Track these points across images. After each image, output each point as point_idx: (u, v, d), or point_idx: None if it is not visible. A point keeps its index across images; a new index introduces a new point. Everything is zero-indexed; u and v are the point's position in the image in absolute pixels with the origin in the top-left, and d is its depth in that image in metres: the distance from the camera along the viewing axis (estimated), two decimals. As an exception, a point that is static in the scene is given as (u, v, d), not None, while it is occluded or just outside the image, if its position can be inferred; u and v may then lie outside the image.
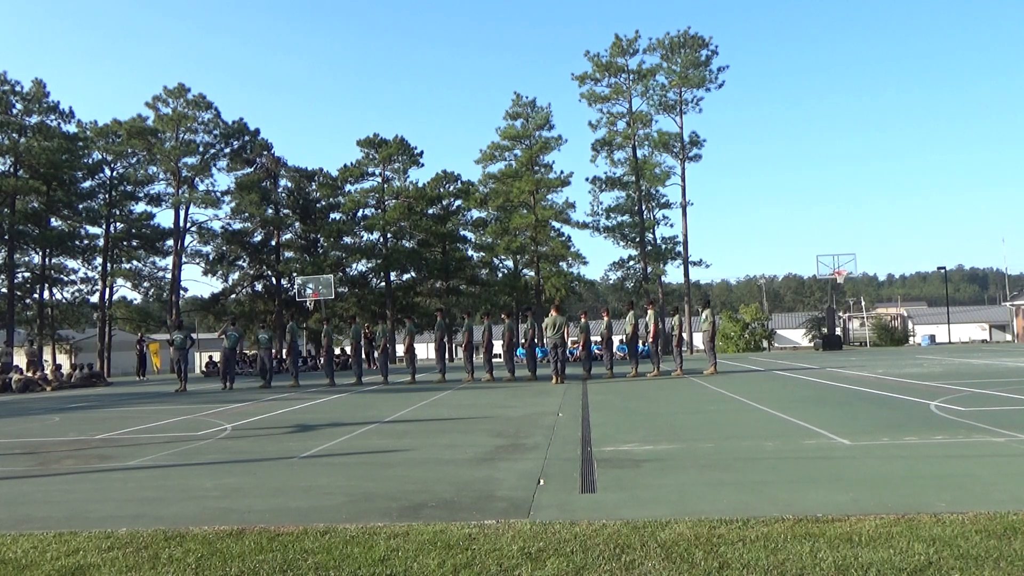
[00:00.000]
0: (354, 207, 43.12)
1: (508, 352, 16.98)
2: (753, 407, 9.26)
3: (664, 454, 6.11)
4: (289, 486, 5.42)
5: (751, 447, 6.28)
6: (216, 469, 6.25)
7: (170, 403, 13.83)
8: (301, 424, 9.22)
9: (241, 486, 5.46)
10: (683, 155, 40.36)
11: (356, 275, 44.76)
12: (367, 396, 14.00)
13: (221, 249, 42.87)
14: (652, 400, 10.93)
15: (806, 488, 4.76)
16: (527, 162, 41.20)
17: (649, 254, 40.24)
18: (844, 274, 33.09)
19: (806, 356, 25.50)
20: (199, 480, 5.75)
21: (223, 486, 5.47)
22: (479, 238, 45.45)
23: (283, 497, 5.07)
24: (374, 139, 42.88)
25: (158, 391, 18.22)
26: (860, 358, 21.71)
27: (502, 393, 13.27)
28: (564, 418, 8.84)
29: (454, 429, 8.35)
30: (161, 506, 4.94)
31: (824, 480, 4.98)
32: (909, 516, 4.03)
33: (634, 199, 41.02)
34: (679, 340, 16.09)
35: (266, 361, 17.47)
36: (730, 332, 47.76)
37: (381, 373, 17.08)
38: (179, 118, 39.63)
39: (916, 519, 3.97)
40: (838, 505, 4.31)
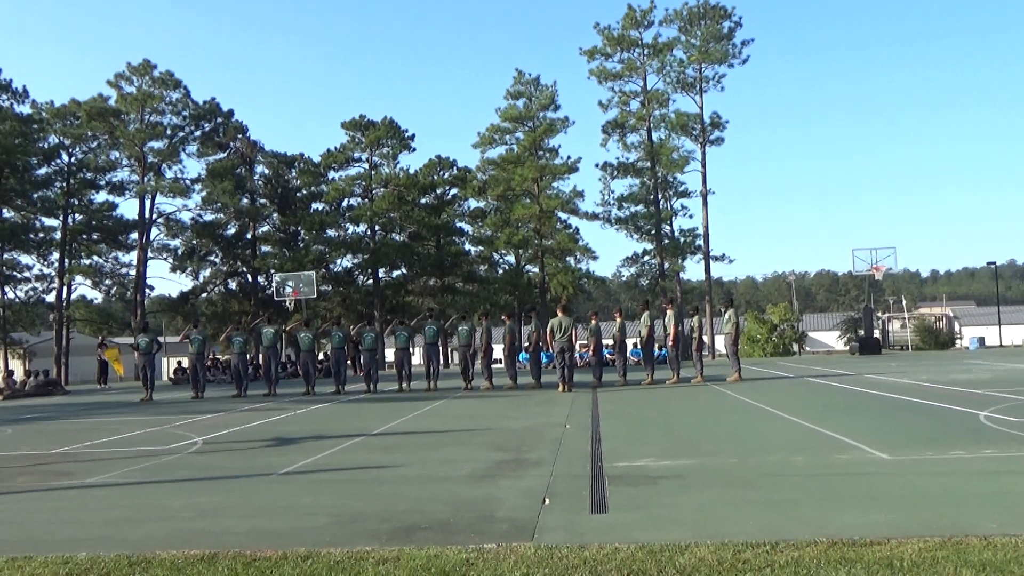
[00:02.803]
0: (338, 196, 43.18)
1: (510, 357, 16.99)
2: (781, 417, 9.25)
3: (683, 470, 6.11)
4: (267, 505, 5.42)
5: (779, 462, 6.28)
6: (186, 487, 6.26)
7: (135, 414, 13.84)
8: (280, 437, 9.23)
9: (214, 505, 5.47)
10: (703, 138, 40.33)
11: (340, 272, 44.83)
12: (352, 406, 13.98)
13: (191, 243, 42.94)
14: (669, 410, 10.92)
15: (840, 508, 4.76)
16: (530, 146, 41.21)
17: (666, 248, 40.24)
18: (883, 270, 33.07)
19: (841, 361, 25.49)
20: (167, 499, 5.75)
21: (194, 505, 5.48)
22: (477, 231, 45.48)
23: (260, 518, 5.07)
24: (360, 121, 42.92)
25: (121, 400, 18.23)
26: (901, 363, 21.70)
27: (503, 403, 13.24)
28: (572, 430, 8.84)
29: (450, 442, 8.34)
30: (125, 528, 4.94)
31: (860, 499, 4.98)
32: (956, 539, 4.02)
33: (649, 187, 41.01)
34: (699, 344, 16.09)
35: (240, 367, 17.49)
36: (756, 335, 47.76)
37: (365, 381, 17.10)
38: (144, 98, 39.67)
39: (964, 542, 3.97)
40: (876, 527, 4.31)
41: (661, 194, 41.36)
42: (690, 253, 40.72)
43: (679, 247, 40.24)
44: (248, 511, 5.27)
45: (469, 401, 14.00)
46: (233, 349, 17.79)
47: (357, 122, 42.93)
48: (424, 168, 45.05)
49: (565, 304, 16.40)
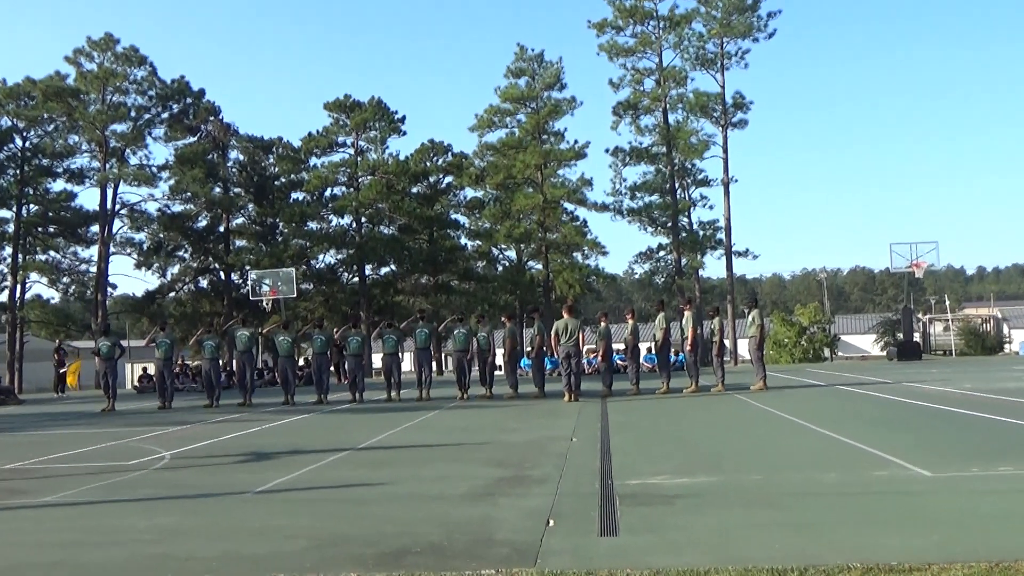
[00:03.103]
0: (321, 185, 43.21)
1: (510, 363, 16.98)
2: (811, 430, 9.25)
3: (701, 488, 6.10)
4: (241, 527, 5.42)
5: (808, 479, 6.27)
6: (151, 506, 6.25)
7: (95, 425, 13.84)
8: (255, 451, 9.23)
9: (182, 527, 5.47)
10: (725, 121, 40.31)
11: (323, 269, 44.88)
12: (336, 417, 13.96)
13: (157, 237, 42.98)
14: (687, 422, 10.91)
15: (877, 530, 4.75)
16: (533, 130, 41.22)
17: (684, 242, 40.23)
18: (924, 267, 33.07)
19: (877, 367, 25.48)
20: (130, 519, 5.75)
21: (158, 527, 5.48)
22: (474, 223, 45.50)
23: (232, 541, 5.07)
24: (345, 101, 42.93)
25: (81, 411, 18.23)
26: (943, 369, 21.68)
27: (503, 414, 13.22)
28: (579, 444, 8.84)
29: (444, 458, 8.34)
30: (83, 552, 4.93)
31: (899, 520, 4.97)
32: (1005, 564, 4.01)
33: (665, 175, 40.99)
34: (720, 348, 16.08)
35: (212, 375, 17.51)
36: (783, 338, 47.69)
37: (350, 389, 17.11)
38: (106, 76, 39.69)
39: (1013, 567, 3.95)
40: (917, 551, 4.30)
41: (678, 182, 41.33)
42: (710, 248, 40.70)
43: (698, 241, 40.24)
44: (219, 533, 5.26)
45: (465, 412, 13.97)
46: (204, 354, 17.78)
47: (341, 103, 42.95)
48: (416, 154, 45.05)
49: (571, 304, 16.39)
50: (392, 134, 43.52)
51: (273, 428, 12.24)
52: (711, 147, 40.15)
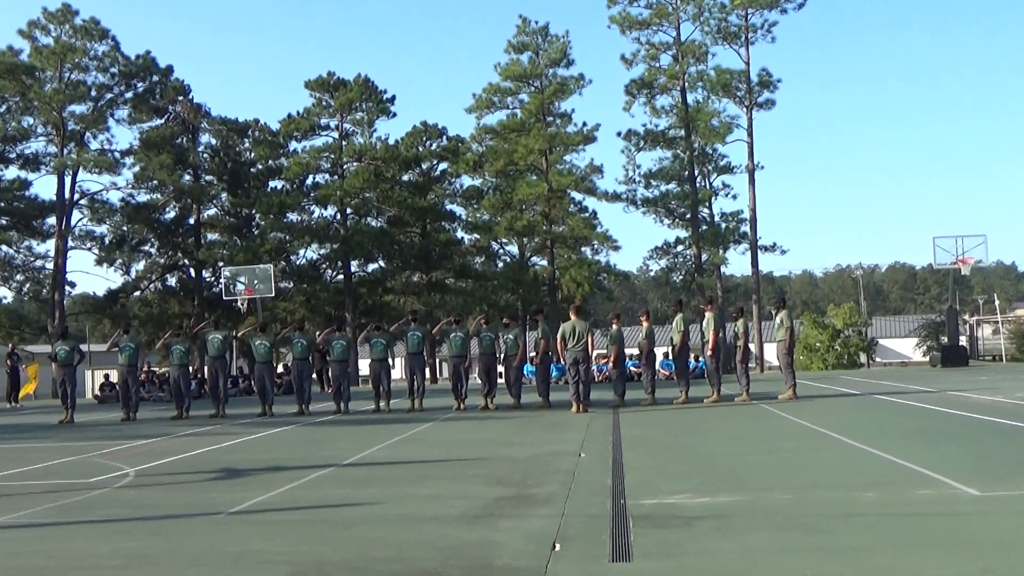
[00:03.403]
0: (301, 172, 43.24)
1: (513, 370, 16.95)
2: (846, 444, 9.24)
3: (725, 508, 6.10)
4: (213, 552, 5.42)
5: (844, 499, 6.27)
6: (114, 529, 6.25)
7: (52, 438, 13.84)
8: (229, 468, 9.23)
9: (147, 552, 5.47)
10: (750, 101, 40.31)
11: (304, 265, 44.90)
12: (318, 430, 13.96)
13: (121, 229, 43.02)
14: (708, 435, 10.91)
15: (919, 555, 4.75)
16: (537, 111, 41.24)
17: (704, 236, 40.25)
18: (971, 263, 33.05)
19: (919, 375, 25.47)
20: (90, 544, 5.75)
21: (122, 552, 5.48)
22: (472, 214, 45.52)
23: (203, 567, 5.07)
24: (328, 79, 42.97)
25: (36, 422, 18.25)
26: (993, 377, 21.66)
27: (503, 425, 13.22)
28: (588, 460, 8.85)
29: (438, 474, 8.34)
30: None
31: (944, 544, 4.96)
32: (1062, 594, 4.00)
33: (683, 161, 41.01)
34: (744, 353, 16.08)
35: (181, 382, 17.52)
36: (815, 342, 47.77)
37: (335, 399, 17.12)
38: (64, 51, 39.74)
39: (1072, 598, 3.94)
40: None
41: (698, 169, 41.35)
42: (734, 242, 40.72)
43: (720, 234, 40.25)
44: (189, 559, 5.26)
45: (462, 424, 13.96)
46: (172, 360, 17.80)
47: (324, 81, 42.98)
48: (407, 137, 45.08)
49: (580, 305, 16.38)
50: (381, 116, 43.56)
51: (249, 442, 12.23)
52: (734, 130, 40.21)
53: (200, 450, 11.20)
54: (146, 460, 10.17)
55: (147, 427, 15.44)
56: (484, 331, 16.83)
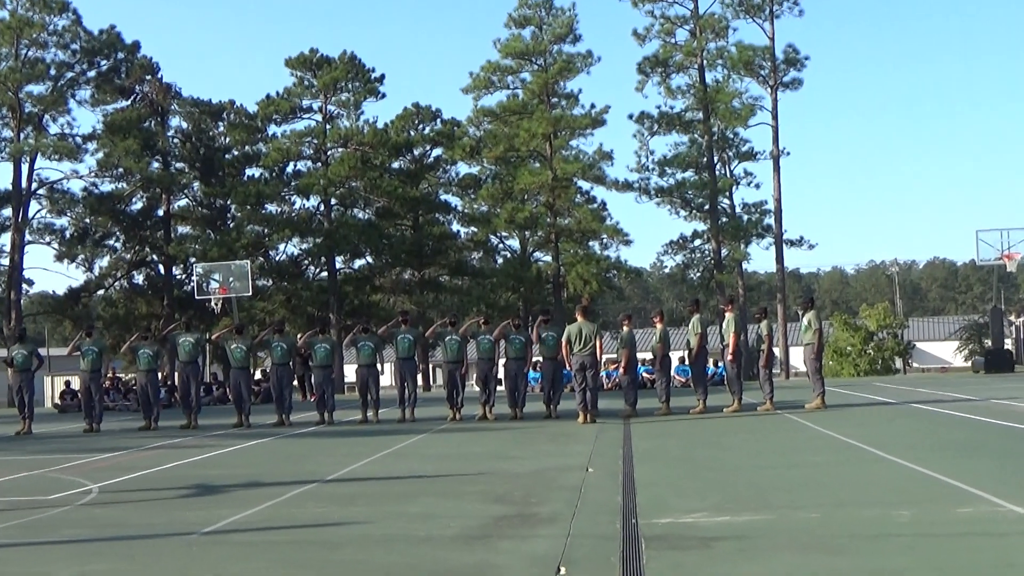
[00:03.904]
0: (281, 159, 43.26)
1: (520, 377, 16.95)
2: (879, 458, 9.25)
3: (746, 528, 6.11)
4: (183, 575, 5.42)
5: (877, 518, 6.28)
6: (76, 551, 6.26)
7: (8, 451, 13.84)
8: (202, 484, 9.24)
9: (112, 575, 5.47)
10: (774, 80, 40.31)
11: (284, 261, 44.89)
12: (300, 442, 13.97)
13: (83, 222, 43.03)
14: (728, 448, 10.92)
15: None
16: (540, 91, 41.23)
17: (724, 229, 40.24)
18: (1017, 258, 33.06)
19: (960, 381, 25.44)
20: (51, 567, 5.76)
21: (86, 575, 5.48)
22: (469, 205, 45.53)
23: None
24: (311, 57, 42.97)
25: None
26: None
27: (503, 437, 13.21)
28: (596, 475, 8.85)
29: (431, 491, 8.35)
30: (-7, 606, 4.95)
31: (987, 567, 4.96)
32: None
33: (702, 146, 41.00)
34: (768, 358, 16.07)
35: (149, 390, 17.52)
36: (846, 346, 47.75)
37: (318, 408, 17.12)
38: (20, 26, 39.74)
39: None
40: (1008, 605, 4.30)
41: (717, 155, 41.33)
42: (756, 236, 40.72)
43: (742, 227, 40.25)
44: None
45: (457, 436, 13.96)
46: (139, 365, 17.79)
47: (306, 58, 42.98)
48: (397, 120, 45.06)
49: (586, 305, 16.37)
50: (368, 97, 43.53)
51: (224, 455, 12.22)
52: (757, 112, 40.20)
53: (170, 464, 11.19)
54: (111, 475, 10.17)
55: (112, 439, 15.41)
56: (482, 333, 16.83)
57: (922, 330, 73.96)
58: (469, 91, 43.01)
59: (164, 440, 14.70)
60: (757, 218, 40.80)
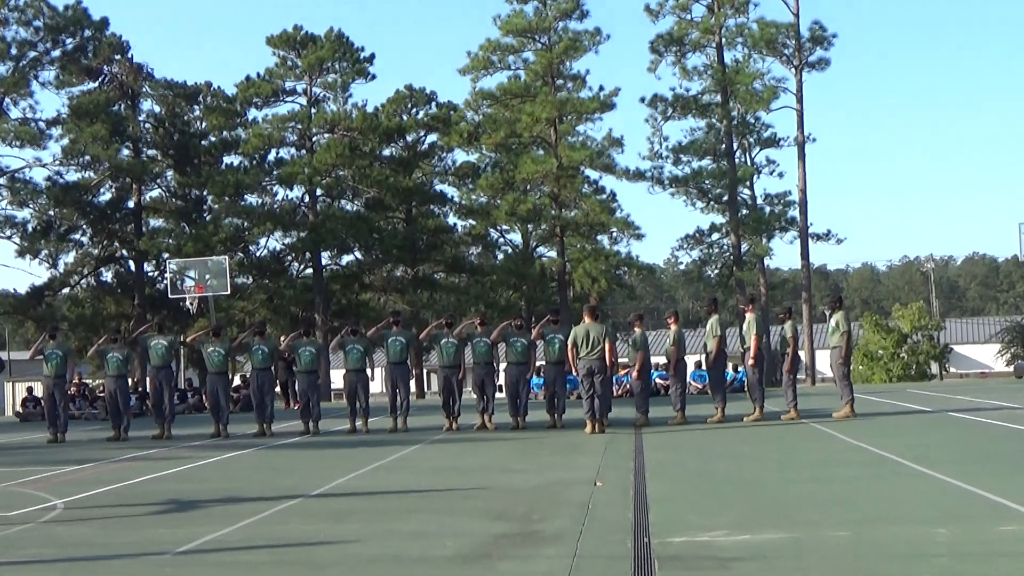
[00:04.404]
0: (262, 146, 43.25)
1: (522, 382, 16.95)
2: (914, 471, 9.25)
3: (768, 548, 6.11)
4: (157, 600, 5.43)
5: (912, 536, 6.28)
6: (39, 572, 6.26)
7: (-36, 465, 13.86)
8: (176, 499, 9.25)
9: (79, 600, 5.48)
10: (799, 60, 40.30)
11: (266, 257, 44.89)
12: (283, 454, 13.98)
13: (47, 214, 42.99)
14: (748, 460, 10.92)
15: (1002, 604, 4.75)
16: (544, 72, 41.19)
17: (744, 222, 40.23)
18: (1064, 254, 33.00)
19: (1001, 388, 25.42)
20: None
21: (50, 599, 5.49)
22: (466, 196, 45.50)
23: (147, 617, 5.08)
24: (295, 35, 42.99)
25: (-55, 445, 18.26)
26: (1090, 392, 21.63)
27: (503, 449, 13.22)
28: (605, 490, 8.86)
29: (426, 507, 8.36)
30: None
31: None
32: None
33: (720, 132, 40.98)
34: (793, 362, 16.07)
35: (118, 397, 17.53)
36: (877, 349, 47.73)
37: (302, 417, 17.13)
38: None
39: None
40: (1054, 632, 4.30)
41: (737, 142, 41.32)
42: (780, 229, 40.69)
43: (763, 220, 40.22)
44: (129, 608, 5.27)
45: (454, 447, 13.97)
46: (108, 370, 17.80)
47: (290, 36, 42.99)
48: (388, 104, 45.02)
49: (595, 305, 16.36)
50: (357, 78, 43.53)
51: (200, 468, 12.23)
52: (780, 95, 40.16)
53: (141, 478, 11.19)
54: (77, 490, 10.17)
55: (78, 450, 15.41)
56: (478, 335, 16.82)
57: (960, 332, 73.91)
58: (467, 72, 43.02)
59: (135, 452, 14.70)
60: (780, 210, 40.77)
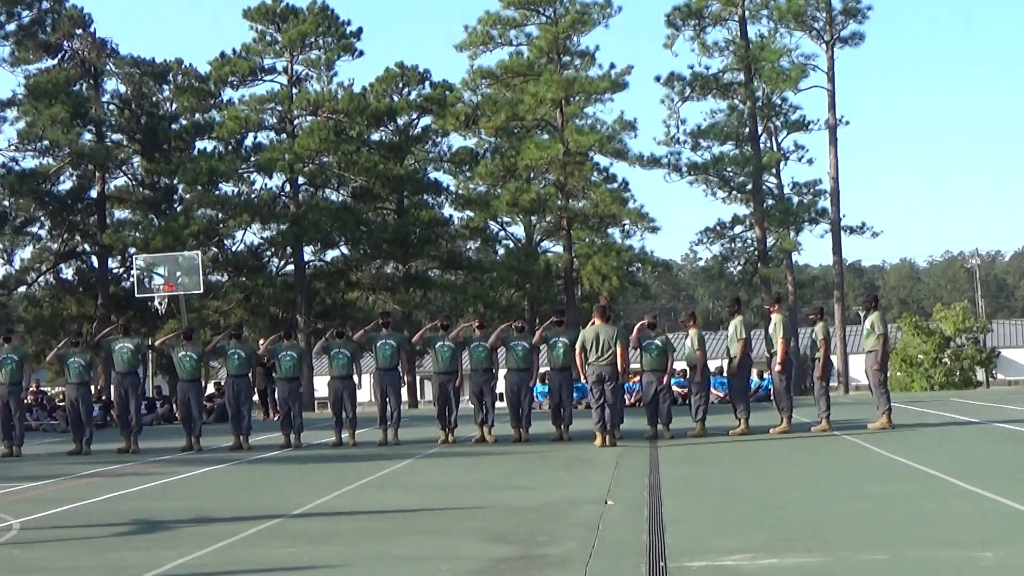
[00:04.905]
0: (239, 130, 43.21)
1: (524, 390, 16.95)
2: (958, 488, 9.24)
3: (798, 572, 6.12)
4: (122, 630, 5.43)
5: (955, 561, 6.28)
6: (-9, 599, 6.27)
7: (-90, 481, 13.86)
8: (143, 519, 9.24)
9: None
10: (831, 35, 40.28)
11: (243, 252, 44.87)
12: (261, 469, 14.00)
13: (0, 205, 42.95)
14: (775, 476, 10.93)
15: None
16: (549, 48, 41.20)
17: (770, 213, 40.22)
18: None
19: (1054, 397, 25.41)
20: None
21: (4, 630, 5.49)
22: (463, 185, 45.51)
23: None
24: (274, 7, 42.96)
25: None
26: None
27: (504, 464, 13.24)
28: (617, 508, 8.86)
29: (418, 528, 8.36)
30: None
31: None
32: None
33: (743, 114, 40.96)
34: (824, 368, 16.05)
35: (80, 406, 17.51)
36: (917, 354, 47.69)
37: (283, 428, 17.12)
38: (-76, -30, 39.67)
39: None
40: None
41: (762, 125, 41.28)
42: (809, 221, 40.67)
43: (791, 211, 40.20)
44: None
45: (450, 462, 13.97)
46: (69, 377, 17.79)
47: (269, 9, 42.95)
48: (378, 84, 45.00)
49: (605, 305, 16.33)
50: (343, 55, 43.48)
51: (169, 485, 12.23)
52: (810, 73, 40.13)
53: (105, 496, 11.17)
54: (35, 509, 10.17)
55: (35, 465, 15.42)
56: (476, 339, 16.80)
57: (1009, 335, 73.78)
58: (464, 48, 43.02)
59: (98, 467, 14.69)
60: (810, 200, 40.73)
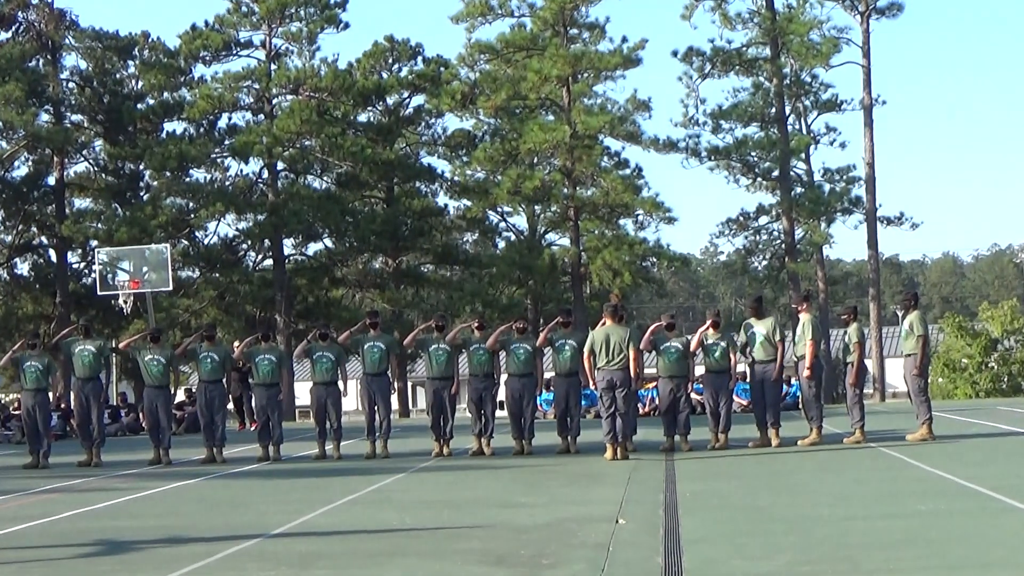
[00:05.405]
0: (211, 110, 43.19)
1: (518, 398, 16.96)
2: (1006, 506, 9.25)
3: (829, 599, 6.12)
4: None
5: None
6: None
7: None
8: (108, 539, 9.26)
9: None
10: (866, 6, 40.28)
11: (216, 245, 44.83)
12: (237, 484, 14.01)
13: (-51, 194, 42.99)
14: (803, 492, 10.94)
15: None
16: (555, 20, 41.18)
17: (799, 202, 40.22)
18: None
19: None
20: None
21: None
22: (460, 171, 45.46)
23: None
24: (251, -26, 42.90)
25: None
26: None
27: (505, 478, 13.25)
28: (630, 527, 8.88)
29: (410, 549, 8.38)
30: None
31: None
32: None
33: (769, 94, 40.93)
34: (858, 374, 16.04)
35: (37, 415, 17.54)
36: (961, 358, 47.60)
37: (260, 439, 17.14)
38: None
39: None
40: None
41: (790, 105, 41.27)
42: (842, 211, 40.70)
43: (822, 200, 40.20)
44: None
45: (445, 476, 13.99)
46: (25, 383, 17.83)
47: (245, -24, 42.96)
48: (365, 59, 44.93)
49: (617, 304, 16.34)
50: (327, 27, 43.42)
51: (136, 502, 12.23)
52: (843, 48, 40.14)
53: (65, 514, 11.18)
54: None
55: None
56: (475, 341, 16.80)
57: (1062, 337, 73.75)
58: (460, 20, 43.04)
59: (57, 482, 14.71)
60: (842, 188, 40.75)
